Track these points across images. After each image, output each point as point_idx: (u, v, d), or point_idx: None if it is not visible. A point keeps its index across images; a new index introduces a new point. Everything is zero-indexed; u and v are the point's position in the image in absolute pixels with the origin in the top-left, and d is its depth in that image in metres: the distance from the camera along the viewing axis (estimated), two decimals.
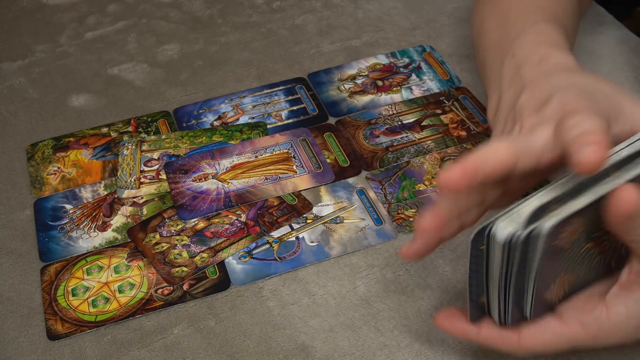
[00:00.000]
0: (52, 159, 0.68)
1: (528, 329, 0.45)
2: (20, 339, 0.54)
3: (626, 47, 0.74)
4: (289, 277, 0.56)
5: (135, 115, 0.72)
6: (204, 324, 0.54)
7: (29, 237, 0.61)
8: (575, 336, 0.44)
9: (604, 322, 0.43)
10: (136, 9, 0.86)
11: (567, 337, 0.44)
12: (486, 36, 0.61)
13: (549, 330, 0.44)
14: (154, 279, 0.57)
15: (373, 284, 0.55)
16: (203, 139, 0.68)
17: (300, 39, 0.80)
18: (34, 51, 0.81)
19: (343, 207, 0.61)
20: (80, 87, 0.76)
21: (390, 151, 0.65)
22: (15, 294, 0.57)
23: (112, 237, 0.60)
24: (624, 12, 0.86)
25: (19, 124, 0.72)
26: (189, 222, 0.61)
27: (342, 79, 0.74)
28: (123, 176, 0.65)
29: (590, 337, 0.43)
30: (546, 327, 0.45)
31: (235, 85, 0.75)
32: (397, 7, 0.83)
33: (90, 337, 0.53)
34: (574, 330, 0.44)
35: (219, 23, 0.83)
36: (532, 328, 0.45)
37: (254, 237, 0.59)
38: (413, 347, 0.51)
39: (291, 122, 0.70)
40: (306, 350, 0.51)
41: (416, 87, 0.72)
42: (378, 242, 0.58)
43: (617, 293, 0.43)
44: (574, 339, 0.44)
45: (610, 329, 0.43)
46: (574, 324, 0.44)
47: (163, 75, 0.77)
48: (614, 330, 0.43)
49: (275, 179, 0.63)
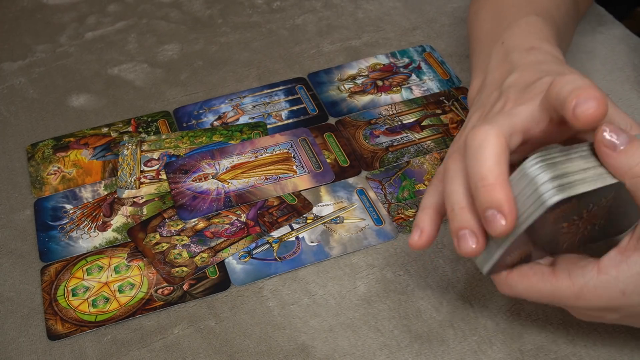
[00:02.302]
0: (52, 159, 0.68)
1: (520, 267, 0.45)
2: (20, 339, 0.54)
3: (626, 47, 0.74)
4: (289, 277, 0.56)
5: (136, 115, 0.72)
6: (204, 324, 0.54)
7: (29, 237, 0.61)
8: (560, 286, 0.43)
9: (591, 279, 0.42)
10: (136, 9, 0.86)
11: (551, 284, 0.44)
12: (479, 27, 0.61)
13: (537, 273, 0.44)
14: (154, 279, 0.57)
15: (373, 284, 0.55)
16: (203, 139, 0.68)
17: (300, 39, 0.80)
18: (34, 51, 0.81)
19: (343, 207, 0.61)
20: (81, 87, 0.76)
21: (390, 151, 0.65)
22: (16, 294, 0.57)
23: (112, 237, 0.60)
24: (624, 12, 0.86)
25: (19, 124, 0.72)
26: (189, 222, 0.61)
27: (342, 79, 0.74)
28: (123, 176, 0.65)
29: (575, 291, 0.43)
30: (536, 269, 0.44)
31: (235, 85, 0.75)
32: (397, 7, 0.83)
33: (91, 337, 0.53)
34: (560, 280, 0.43)
35: (219, 23, 0.83)
36: (524, 267, 0.45)
37: (254, 237, 0.59)
38: (413, 347, 0.51)
39: (291, 122, 0.70)
40: (306, 350, 0.51)
41: (416, 87, 0.72)
42: (378, 242, 0.58)
43: (613, 256, 0.42)
44: (558, 289, 0.43)
45: (596, 288, 0.42)
46: (563, 274, 0.43)
47: (163, 75, 0.77)
48: (599, 290, 0.42)
49: (275, 179, 0.63)
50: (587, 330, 0.50)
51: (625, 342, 0.50)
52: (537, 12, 0.57)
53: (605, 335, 0.50)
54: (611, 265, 0.42)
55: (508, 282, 0.45)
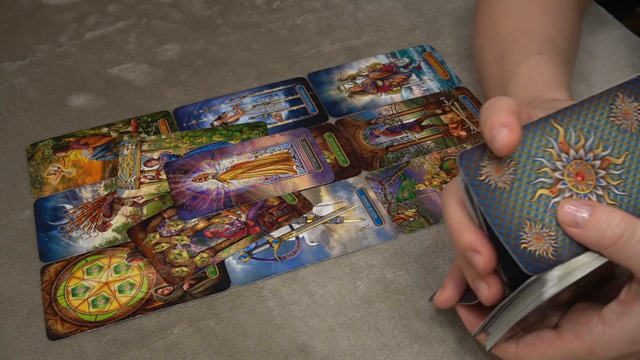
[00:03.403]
0: (52, 159, 0.68)
1: (525, 338, 0.46)
2: (20, 339, 0.54)
3: (626, 47, 0.74)
4: (289, 277, 0.56)
5: (136, 115, 0.72)
6: (204, 324, 0.54)
7: (29, 237, 0.61)
8: (569, 347, 0.44)
9: (598, 335, 0.43)
10: (136, 9, 0.86)
11: (561, 348, 0.44)
12: (487, 71, 0.63)
13: (545, 340, 0.45)
14: (154, 279, 0.57)
15: (373, 284, 0.55)
16: (203, 139, 0.68)
17: (300, 39, 0.80)
18: (34, 51, 0.81)
19: (343, 207, 0.61)
20: (81, 87, 0.76)
21: (390, 151, 0.65)
22: (16, 294, 0.57)
23: (112, 237, 0.60)
24: (624, 12, 0.86)
25: (19, 124, 0.72)
26: (189, 222, 0.61)
27: (342, 79, 0.74)
28: (123, 176, 0.65)
29: (585, 349, 0.44)
30: (542, 337, 0.45)
31: (235, 85, 0.75)
32: (397, 7, 0.83)
33: (90, 337, 0.53)
34: (568, 342, 0.44)
35: (219, 23, 0.83)
36: (530, 337, 0.45)
37: (254, 237, 0.59)
38: (413, 347, 0.51)
39: (291, 122, 0.70)
40: (306, 350, 0.51)
41: (416, 87, 0.72)
42: (378, 242, 0.58)
43: (615, 308, 0.43)
44: (568, 350, 0.44)
45: (604, 342, 0.43)
46: (569, 335, 0.44)
47: (163, 75, 0.77)
48: (608, 343, 0.43)
49: (275, 179, 0.63)
50: None
51: None
52: (538, 49, 0.58)
53: None
54: (615, 318, 0.43)
55: (519, 355, 0.46)
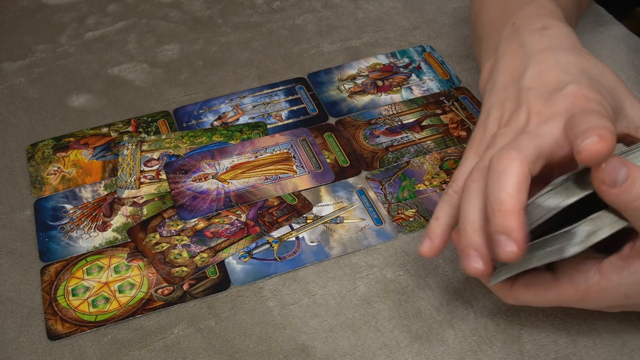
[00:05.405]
0: (52, 159, 0.68)
1: (522, 278, 0.46)
2: (20, 339, 0.54)
3: (626, 47, 0.74)
4: (289, 277, 0.56)
5: (135, 115, 0.72)
6: (204, 324, 0.54)
7: (29, 237, 0.61)
8: (563, 292, 0.44)
9: (594, 284, 0.43)
10: (136, 9, 0.86)
11: (555, 291, 0.45)
12: (486, 13, 0.60)
13: (541, 282, 0.45)
14: (154, 279, 0.57)
15: (373, 284, 0.55)
16: (203, 139, 0.68)
17: (300, 39, 0.80)
18: (34, 51, 0.81)
19: (343, 207, 0.61)
20: (80, 87, 0.76)
21: (390, 151, 0.65)
22: (16, 294, 0.57)
23: (112, 237, 0.60)
24: (624, 12, 0.86)
25: (19, 124, 0.72)
26: (189, 222, 0.61)
27: (342, 79, 0.74)
28: (123, 176, 0.65)
29: (579, 296, 0.44)
30: (539, 278, 0.45)
31: (235, 85, 0.75)
32: (397, 7, 0.83)
33: (91, 337, 0.53)
34: (563, 286, 0.44)
35: (219, 23, 0.83)
36: (526, 278, 0.46)
37: (254, 237, 0.59)
38: (413, 347, 0.51)
39: (291, 122, 0.70)
40: (306, 350, 0.51)
41: (416, 87, 0.72)
42: (378, 242, 0.58)
43: (615, 262, 0.43)
44: (562, 294, 0.44)
45: (598, 292, 0.43)
46: (566, 280, 0.44)
47: (163, 75, 0.77)
48: (602, 294, 0.43)
49: (275, 179, 0.63)
50: (588, 330, 0.50)
51: (625, 342, 0.50)
52: None
53: (605, 335, 0.50)
54: (613, 271, 0.43)
55: (513, 294, 0.47)
